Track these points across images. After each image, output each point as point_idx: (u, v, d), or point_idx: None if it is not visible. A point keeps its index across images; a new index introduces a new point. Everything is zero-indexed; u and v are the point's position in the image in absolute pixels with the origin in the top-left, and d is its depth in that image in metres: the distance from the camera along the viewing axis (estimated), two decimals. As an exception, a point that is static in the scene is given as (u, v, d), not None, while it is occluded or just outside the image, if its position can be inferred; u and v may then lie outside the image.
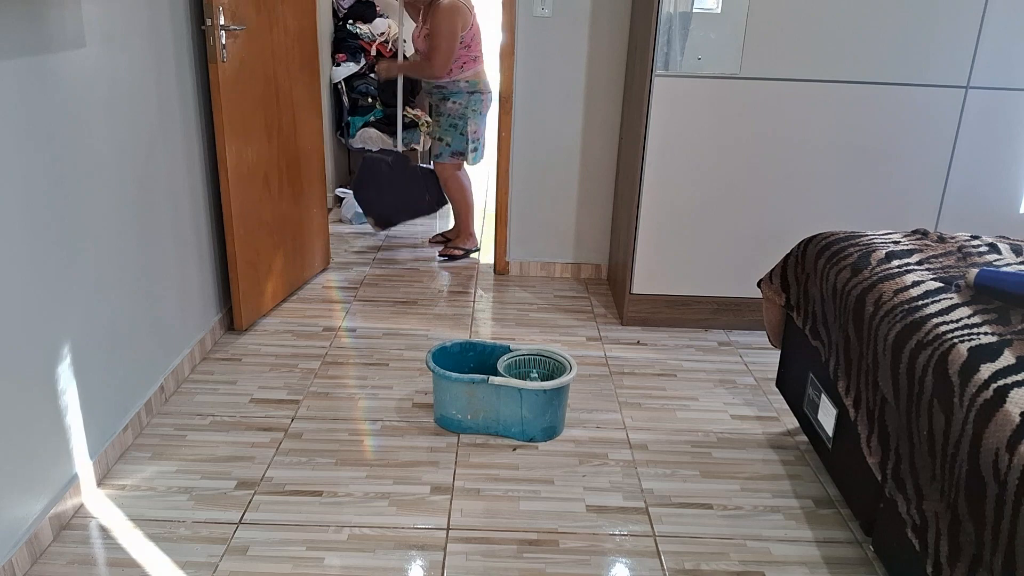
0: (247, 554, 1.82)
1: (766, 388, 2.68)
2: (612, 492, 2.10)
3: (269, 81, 2.95)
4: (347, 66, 4.65)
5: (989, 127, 2.92)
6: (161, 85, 2.39)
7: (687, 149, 2.94)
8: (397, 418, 2.42)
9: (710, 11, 2.76)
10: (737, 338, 3.09)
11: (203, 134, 2.71)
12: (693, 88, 2.86)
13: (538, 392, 2.24)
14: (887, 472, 1.63)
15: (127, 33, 2.18)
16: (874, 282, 1.84)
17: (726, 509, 2.05)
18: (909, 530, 1.51)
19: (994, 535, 1.26)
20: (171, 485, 2.06)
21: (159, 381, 2.42)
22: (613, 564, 1.84)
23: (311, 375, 2.66)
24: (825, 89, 2.87)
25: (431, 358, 2.36)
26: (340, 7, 4.75)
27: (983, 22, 2.78)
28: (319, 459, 2.19)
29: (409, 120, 4.78)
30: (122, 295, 2.19)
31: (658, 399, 2.60)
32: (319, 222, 3.52)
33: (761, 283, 2.43)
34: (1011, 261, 1.93)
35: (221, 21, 2.57)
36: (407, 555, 1.83)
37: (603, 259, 3.70)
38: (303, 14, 3.21)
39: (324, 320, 3.11)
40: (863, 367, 1.78)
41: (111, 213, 2.12)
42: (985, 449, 1.30)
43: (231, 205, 2.76)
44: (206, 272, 2.79)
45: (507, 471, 2.17)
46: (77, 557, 1.79)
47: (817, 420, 2.09)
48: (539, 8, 3.30)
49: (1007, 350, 1.45)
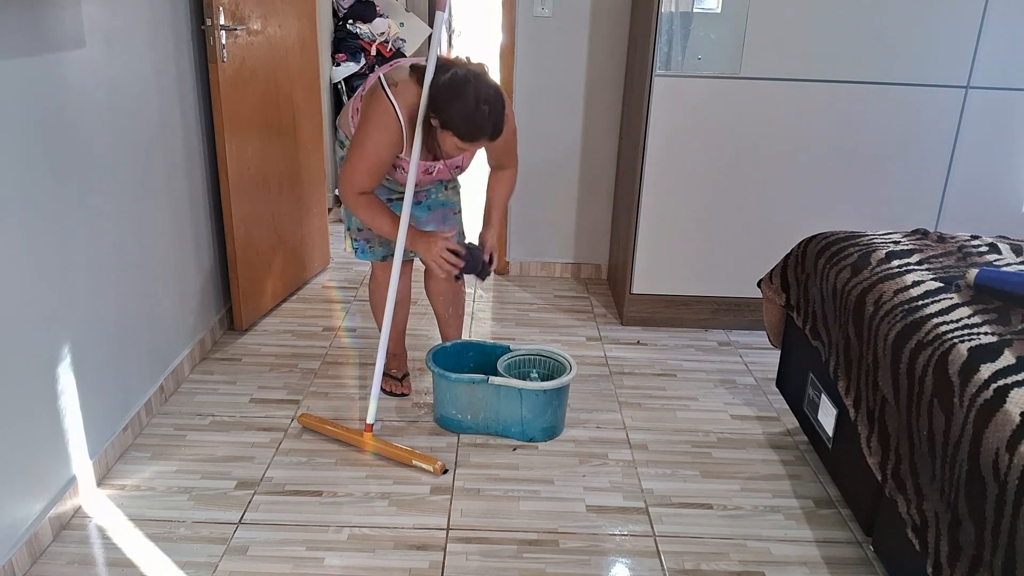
0: (247, 554, 1.82)
1: (766, 388, 2.68)
2: (612, 492, 2.10)
3: (269, 81, 2.95)
4: (347, 66, 4.64)
5: (989, 127, 2.92)
6: (161, 85, 2.39)
7: (687, 149, 2.93)
8: (397, 418, 2.42)
9: (710, 11, 2.76)
10: (737, 338, 3.09)
11: (203, 134, 2.71)
12: (693, 88, 2.86)
13: (538, 392, 2.24)
14: (887, 472, 1.63)
15: (127, 33, 2.18)
16: (874, 282, 1.84)
17: (726, 509, 2.05)
18: (909, 530, 1.51)
19: (994, 535, 1.26)
20: (171, 485, 2.06)
21: (159, 381, 2.42)
22: (613, 564, 1.84)
23: (311, 375, 2.66)
24: (825, 89, 2.87)
25: (431, 358, 2.36)
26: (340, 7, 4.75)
27: (983, 22, 2.78)
28: (319, 459, 2.19)
29: None
30: (122, 295, 2.19)
31: (658, 399, 2.59)
32: (319, 222, 3.52)
33: (761, 283, 2.43)
34: (1011, 261, 1.93)
35: (221, 21, 2.57)
36: (407, 555, 1.83)
37: (603, 259, 3.70)
38: (303, 14, 3.21)
39: (324, 320, 3.10)
40: (863, 367, 1.78)
41: (111, 213, 2.11)
42: (985, 449, 1.30)
43: (231, 205, 2.76)
44: (206, 272, 2.79)
45: (507, 471, 2.17)
46: (77, 557, 1.79)
47: (817, 420, 2.09)
48: (539, 8, 3.30)
49: (1007, 350, 1.45)
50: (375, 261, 2.43)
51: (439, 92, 1.96)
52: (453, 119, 1.94)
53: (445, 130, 1.97)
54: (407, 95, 2.03)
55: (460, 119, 1.93)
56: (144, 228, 2.31)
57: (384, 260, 2.41)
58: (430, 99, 1.99)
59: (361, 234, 2.37)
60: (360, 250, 2.40)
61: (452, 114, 1.93)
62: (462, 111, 1.92)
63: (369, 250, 2.40)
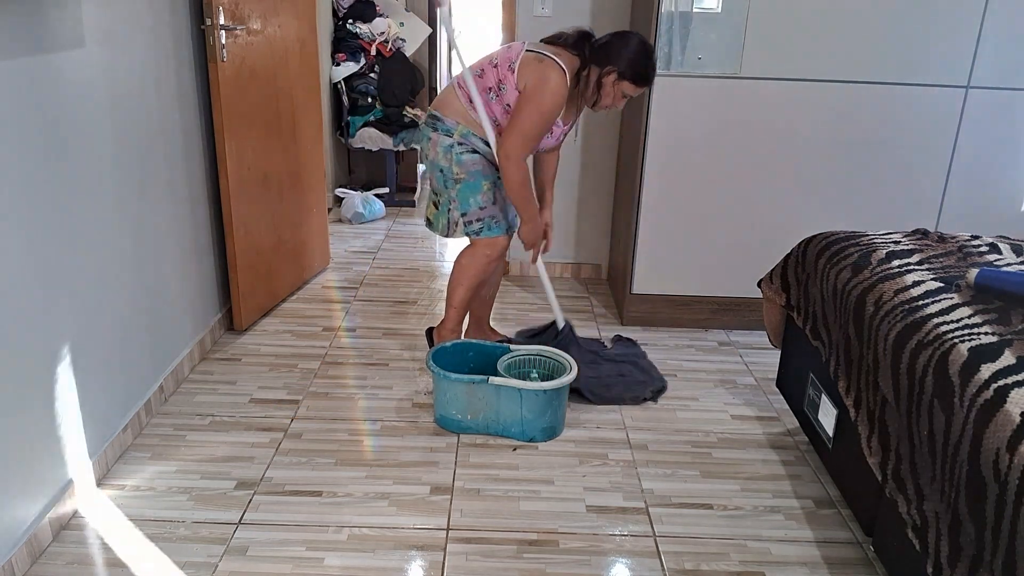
0: (247, 554, 1.82)
1: (766, 388, 2.68)
2: (612, 492, 2.10)
3: (269, 80, 2.95)
4: (347, 66, 4.65)
5: (990, 127, 2.92)
6: (161, 85, 2.39)
7: (687, 149, 2.93)
8: (397, 418, 2.42)
9: (710, 11, 2.76)
10: (737, 338, 3.09)
11: (203, 134, 2.71)
12: (693, 88, 2.86)
13: (538, 392, 2.24)
14: (887, 472, 1.63)
15: (127, 33, 2.18)
16: (874, 282, 1.84)
17: (726, 509, 2.04)
18: (909, 530, 1.51)
19: (994, 535, 1.26)
20: (171, 485, 2.06)
21: (159, 381, 2.42)
22: (613, 564, 1.84)
23: (311, 375, 2.66)
24: (825, 89, 2.87)
25: (431, 358, 2.36)
26: (340, 7, 4.75)
27: (983, 22, 2.78)
28: (319, 459, 2.19)
29: (409, 120, 4.78)
30: (121, 295, 2.19)
31: (658, 399, 2.59)
32: (319, 222, 3.52)
33: (761, 283, 2.43)
34: (1011, 261, 1.93)
35: (221, 20, 2.57)
36: (407, 555, 1.83)
37: (603, 259, 3.70)
38: (303, 14, 3.21)
39: (324, 320, 3.10)
40: (863, 367, 1.78)
41: (111, 213, 2.11)
42: (985, 449, 1.30)
43: (231, 205, 2.76)
44: (206, 272, 2.79)
45: (507, 471, 2.17)
46: (76, 557, 1.79)
47: (817, 420, 2.09)
48: (539, 8, 3.29)
49: (1007, 350, 1.45)
50: (500, 236, 2.52)
51: (611, 46, 2.29)
52: (632, 66, 2.26)
53: (621, 80, 2.28)
54: (566, 60, 2.30)
55: (639, 65, 2.27)
56: (144, 228, 2.31)
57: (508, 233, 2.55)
58: (602, 54, 2.28)
59: (485, 211, 2.48)
60: (486, 227, 2.49)
61: (631, 61, 2.26)
62: (639, 58, 2.27)
63: (496, 224, 2.51)
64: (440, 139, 2.43)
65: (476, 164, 2.44)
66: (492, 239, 2.51)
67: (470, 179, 2.44)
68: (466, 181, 2.44)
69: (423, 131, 2.50)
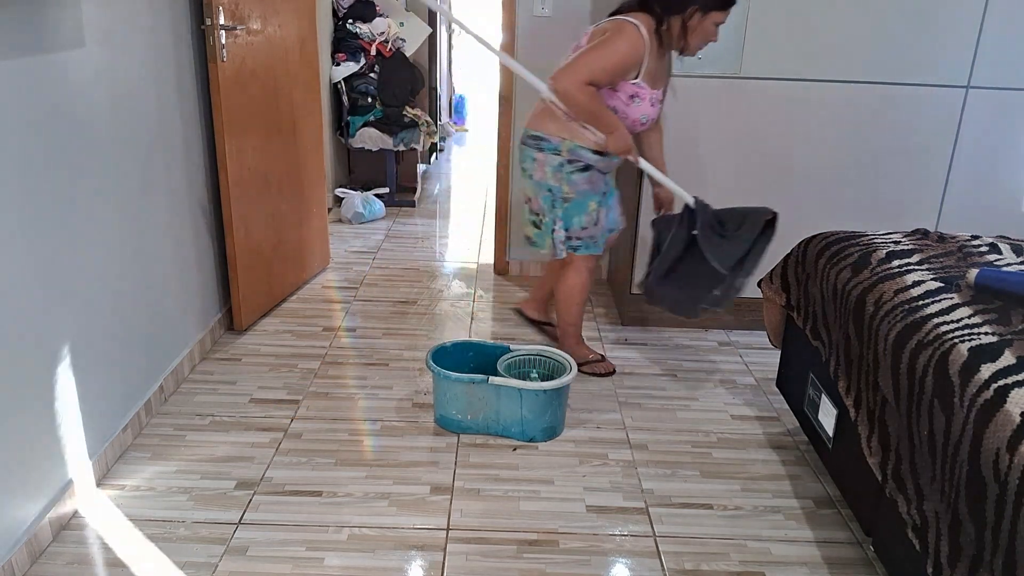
0: (247, 554, 1.82)
1: (766, 388, 2.68)
2: (612, 492, 2.10)
3: (269, 81, 2.95)
4: (347, 66, 4.64)
5: (990, 127, 2.91)
6: (161, 85, 2.39)
7: (687, 149, 2.93)
8: (397, 418, 2.42)
9: (710, 11, 2.75)
10: (737, 338, 3.09)
11: (203, 134, 2.71)
12: (693, 88, 2.86)
13: (538, 392, 2.24)
14: (887, 472, 1.63)
15: (127, 33, 2.18)
16: (874, 282, 1.84)
17: (726, 509, 2.04)
18: (909, 530, 1.51)
19: (994, 535, 1.26)
20: (171, 485, 2.06)
21: (159, 381, 2.42)
22: (613, 564, 1.84)
23: (311, 375, 2.66)
24: (825, 89, 2.87)
25: (431, 358, 2.36)
26: (340, 7, 4.75)
27: (983, 22, 2.78)
28: (319, 459, 2.19)
29: (409, 120, 4.78)
30: (121, 295, 2.19)
31: (658, 399, 2.59)
32: (319, 222, 3.52)
33: (761, 283, 2.43)
34: (1011, 261, 1.93)
35: (221, 20, 2.57)
36: (407, 555, 1.83)
37: (603, 259, 3.69)
38: (303, 14, 3.20)
39: (324, 320, 3.10)
40: (863, 367, 1.78)
41: (111, 213, 2.11)
42: (985, 449, 1.30)
43: (231, 205, 2.76)
44: (206, 272, 2.79)
45: (507, 471, 2.17)
46: (76, 557, 1.79)
47: (817, 420, 2.09)
48: (539, 8, 3.29)
49: (1007, 350, 1.45)
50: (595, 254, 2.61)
51: None
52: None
53: (707, 13, 2.26)
54: (644, 21, 2.29)
55: None
56: (144, 228, 2.31)
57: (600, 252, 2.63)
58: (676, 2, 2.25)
59: (586, 232, 2.54)
60: (585, 246, 2.57)
61: None
62: None
63: (594, 244, 2.59)
64: (548, 159, 2.44)
65: (586, 183, 2.47)
66: (590, 255, 2.61)
67: (579, 198, 2.49)
68: (575, 200, 2.48)
69: (524, 152, 2.51)
